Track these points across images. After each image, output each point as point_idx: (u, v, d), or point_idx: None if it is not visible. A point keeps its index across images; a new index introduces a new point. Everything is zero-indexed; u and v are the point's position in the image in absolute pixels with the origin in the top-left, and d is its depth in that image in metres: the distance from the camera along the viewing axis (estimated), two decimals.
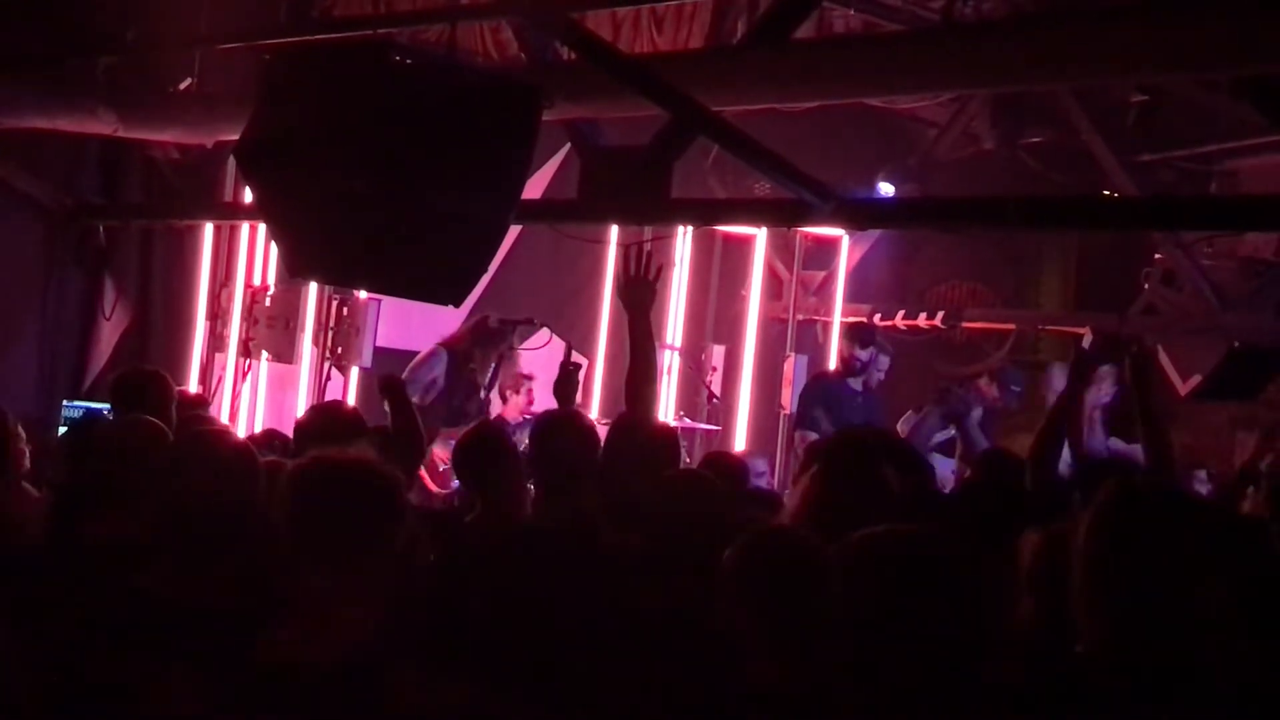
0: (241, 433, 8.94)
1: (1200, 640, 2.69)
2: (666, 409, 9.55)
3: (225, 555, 3.06)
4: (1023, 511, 4.02)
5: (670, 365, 9.73)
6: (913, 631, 2.37)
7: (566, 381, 5.24)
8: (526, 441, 5.10)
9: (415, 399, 8.03)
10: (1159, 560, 2.68)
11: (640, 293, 4.77)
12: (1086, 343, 6.52)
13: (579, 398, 8.86)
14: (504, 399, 8.51)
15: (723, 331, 10.85)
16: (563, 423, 4.43)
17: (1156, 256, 9.73)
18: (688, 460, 8.03)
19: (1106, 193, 9.27)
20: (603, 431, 4.48)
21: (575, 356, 9.01)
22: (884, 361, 9.10)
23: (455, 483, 7.97)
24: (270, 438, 6.24)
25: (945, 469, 8.25)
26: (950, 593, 2.45)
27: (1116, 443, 8.30)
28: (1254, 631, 3.71)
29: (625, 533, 3.87)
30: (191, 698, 2.51)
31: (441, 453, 7.89)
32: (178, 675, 2.62)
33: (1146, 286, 9.88)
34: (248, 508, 3.18)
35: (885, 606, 2.42)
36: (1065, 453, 5.13)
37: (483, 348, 8.38)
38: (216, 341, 9.38)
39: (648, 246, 5.11)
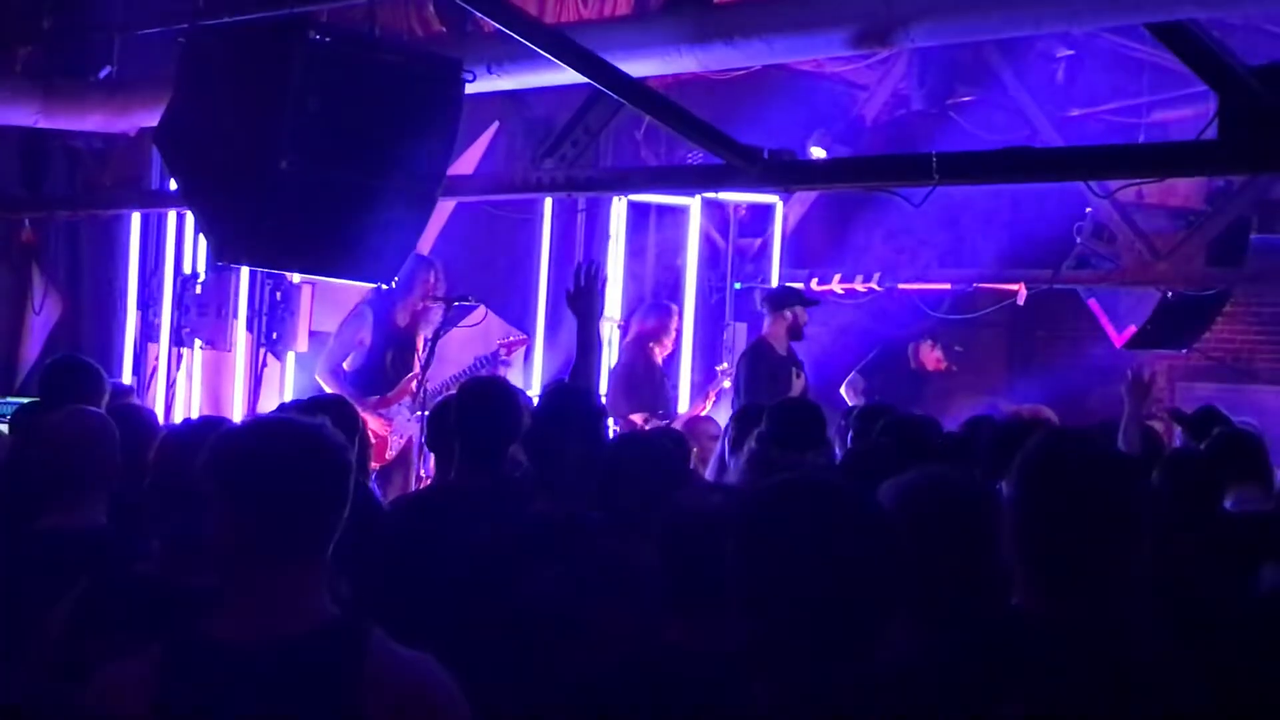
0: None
1: (1133, 591, 2.67)
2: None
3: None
4: None
5: (610, 337, 9.72)
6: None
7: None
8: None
9: (346, 364, 8.02)
10: (1091, 510, 2.65)
11: (587, 302, 5.17)
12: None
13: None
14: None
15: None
16: (486, 389, 4.43)
17: (1087, 210, 9.79)
18: (617, 429, 8.02)
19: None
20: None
21: (513, 336, 9.04)
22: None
23: (390, 454, 7.95)
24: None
25: None
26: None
27: None
28: (1188, 581, 3.74)
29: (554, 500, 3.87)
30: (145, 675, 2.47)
31: (374, 425, 7.85)
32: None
33: (1078, 240, 9.93)
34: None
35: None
36: None
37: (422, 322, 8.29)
38: (149, 330, 9.28)
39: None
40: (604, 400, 6.31)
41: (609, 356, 9.09)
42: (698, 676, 2.76)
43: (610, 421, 6.75)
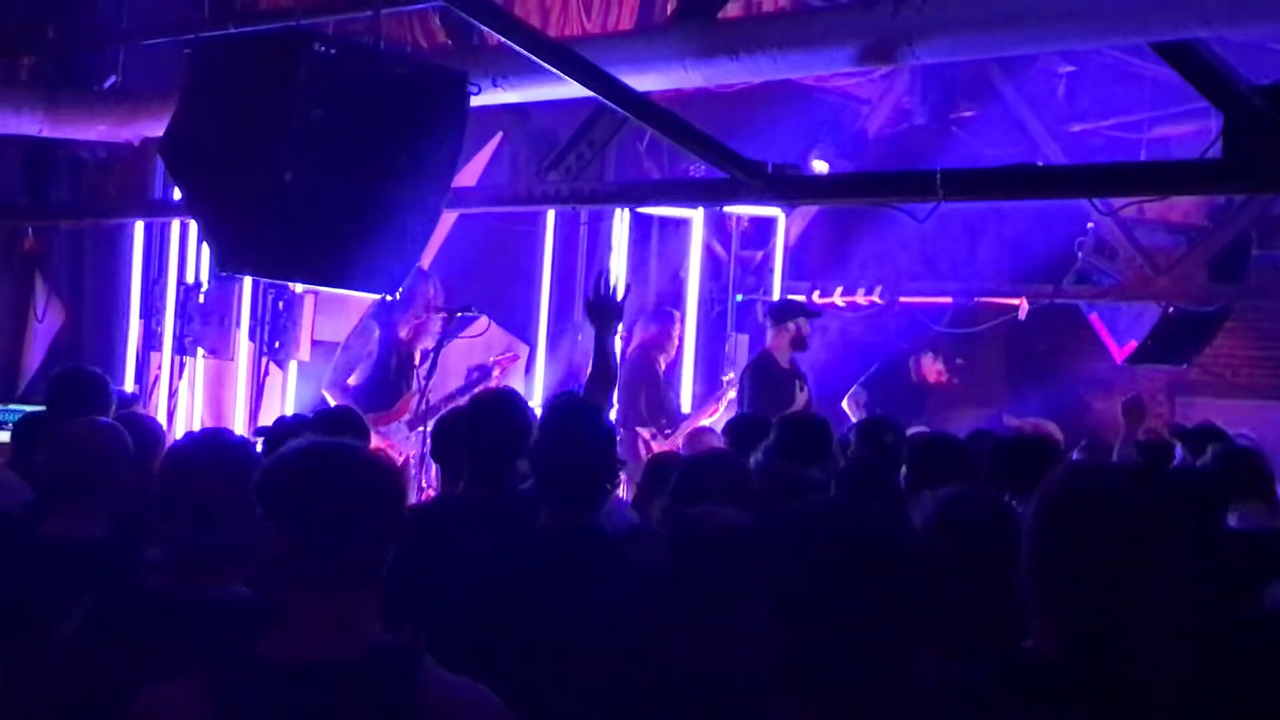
0: (180, 430, 8.91)
1: (1151, 637, 2.64)
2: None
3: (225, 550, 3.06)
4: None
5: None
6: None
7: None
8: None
9: (352, 379, 8.02)
10: (1111, 553, 2.58)
11: (607, 312, 5.17)
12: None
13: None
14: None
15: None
16: (498, 403, 4.43)
17: (1089, 225, 9.81)
18: (620, 434, 8.01)
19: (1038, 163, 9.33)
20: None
21: (515, 348, 9.05)
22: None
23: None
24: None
25: None
26: None
27: None
28: (1192, 599, 3.72)
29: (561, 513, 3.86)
30: (198, 694, 2.47)
31: (376, 444, 7.84)
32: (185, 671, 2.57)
33: (1080, 255, 9.96)
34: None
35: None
36: None
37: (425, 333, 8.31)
38: (151, 339, 9.29)
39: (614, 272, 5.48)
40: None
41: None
42: (704, 692, 2.77)
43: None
